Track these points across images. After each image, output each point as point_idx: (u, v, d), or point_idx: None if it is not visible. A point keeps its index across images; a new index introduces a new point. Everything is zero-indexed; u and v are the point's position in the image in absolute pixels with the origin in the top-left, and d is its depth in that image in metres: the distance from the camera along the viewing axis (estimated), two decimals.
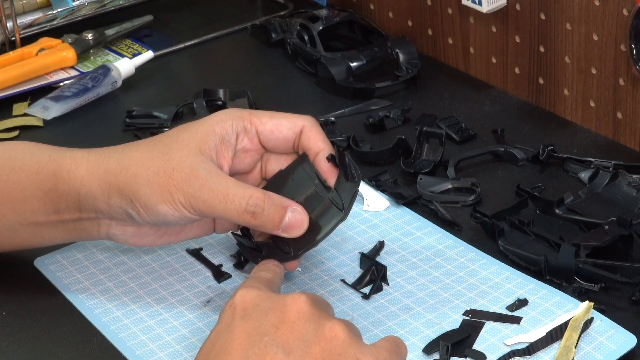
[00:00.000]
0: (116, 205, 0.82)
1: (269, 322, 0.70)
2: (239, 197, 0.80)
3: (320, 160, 0.85)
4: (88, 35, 1.30)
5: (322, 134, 0.86)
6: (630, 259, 0.90)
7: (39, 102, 1.19)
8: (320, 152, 0.85)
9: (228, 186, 0.81)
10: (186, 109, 1.16)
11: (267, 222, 0.81)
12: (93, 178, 0.83)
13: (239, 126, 0.85)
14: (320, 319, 0.70)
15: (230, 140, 0.85)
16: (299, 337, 0.69)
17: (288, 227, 0.82)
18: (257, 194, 0.81)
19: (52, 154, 0.86)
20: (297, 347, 0.68)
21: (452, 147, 1.08)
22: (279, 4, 1.41)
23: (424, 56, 1.26)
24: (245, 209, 0.80)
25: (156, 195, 0.81)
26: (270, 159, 0.88)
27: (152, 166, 0.81)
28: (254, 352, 0.68)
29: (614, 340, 0.81)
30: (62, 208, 0.85)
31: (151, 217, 0.82)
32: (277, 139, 0.86)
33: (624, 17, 1.02)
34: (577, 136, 1.10)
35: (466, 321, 0.84)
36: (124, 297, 0.88)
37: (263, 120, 0.86)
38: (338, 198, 0.83)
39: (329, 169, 0.85)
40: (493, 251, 0.92)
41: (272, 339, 0.69)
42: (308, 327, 0.70)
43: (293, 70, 1.26)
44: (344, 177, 0.84)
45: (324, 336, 0.69)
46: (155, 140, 0.85)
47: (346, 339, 0.69)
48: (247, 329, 0.69)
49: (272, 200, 0.81)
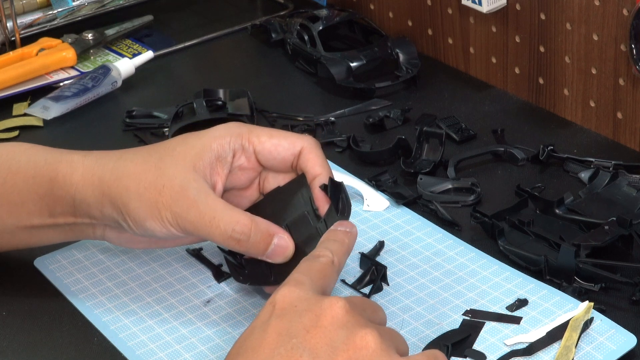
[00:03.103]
0: (108, 214, 0.82)
1: (301, 325, 0.69)
2: (224, 222, 0.79)
3: (315, 187, 0.84)
4: (88, 35, 1.30)
5: (320, 157, 0.84)
6: (630, 259, 0.90)
7: (39, 102, 1.19)
8: (317, 178, 0.84)
9: (215, 209, 0.80)
10: (186, 109, 1.16)
11: (251, 249, 0.81)
12: (87, 185, 0.83)
13: (236, 144, 0.84)
14: (354, 327, 0.69)
15: (227, 158, 0.84)
16: (328, 343, 0.68)
17: (273, 254, 0.81)
18: (243, 220, 0.80)
19: (48, 158, 0.85)
20: (324, 353, 0.67)
21: (452, 147, 1.08)
22: (279, 4, 1.41)
23: (424, 56, 1.26)
24: (231, 235, 0.79)
25: (145, 210, 0.80)
26: (268, 176, 0.87)
27: (144, 180, 0.81)
28: (280, 353, 0.67)
29: (614, 340, 0.81)
30: (58, 212, 0.85)
31: (140, 231, 0.82)
32: (275, 159, 0.85)
33: (624, 17, 1.02)
34: (577, 136, 1.10)
35: (466, 321, 0.84)
36: (124, 297, 0.88)
37: (262, 140, 0.85)
38: (325, 229, 0.81)
39: (322, 197, 0.83)
40: (493, 251, 0.92)
41: (300, 342, 0.68)
42: (339, 334, 0.68)
43: (293, 70, 1.26)
44: (335, 209, 0.83)
45: (354, 345, 0.68)
46: (151, 150, 0.84)
47: (377, 349, 0.68)
48: (279, 329, 0.69)
49: (259, 228, 0.80)
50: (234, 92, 1.18)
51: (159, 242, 0.87)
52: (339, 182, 0.84)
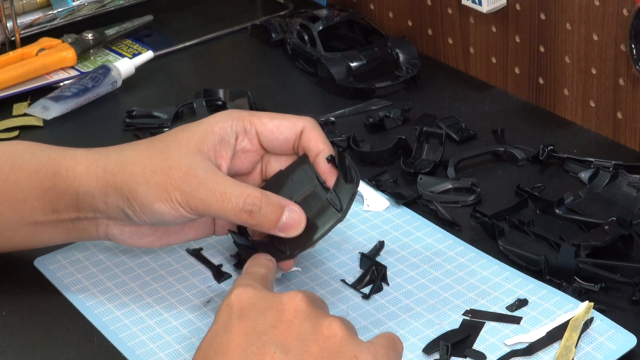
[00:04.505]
0: (113, 204, 0.82)
1: (267, 321, 0.69)
2: (236, 196, 0.80)
3: (320, 161, 0.85)
4: (88, 35, 1.30)
5: (322, 135, 0.86)
6: (630, 259, 0.90)
7: (39, 102, 1.19)
8: (321, 153, 0.85)
9: (225, 185, 0.81)
10: (186, 109, 1.16)
11: (264, 222, 0.81)
12: (91, 177, 0.83)
13: (238, 127, 0.85)
14: (317, 317, 0.70)
15: (230, 140, 0.85)
16: (297, 336, 0.69)
17: (285, 227, 0.82)
18: (254, 192, 0.81)
19: (51, 153, 0.86)
20: (295, 346, 0.68)
21: (452, 147, 1.08)
22: (279, 4, 1.41)
23: (424, 56, 1.26)
24: (242, 208, 0.80)
25: (153, 193, 0.81)
26: (270, 160, 0.88)
27: (150, 165, 0.81)
28: (252, 352, 0.68)
29: (614, 340, 0.81)
30: (61, 207, 0.85)
31: (148, 216, 0.82)
32: (277, 139, 0.86)
33: (624, 17, 1.02)
34: (577, 136, 1.10)
35: (466, 321, 0.84)
36: (124, 297, 0.88)
37: (263, 121, 0.86)
38: (336, 199, 0.83)
39: (328, 170, 0.84)
40: (493, 251, 0.92)
41: (270, 338, 0.68)
42: (306, 326, 0.70)
43: (293, 70, 1.26)
44: (343, 178, 0.84)
45: (322, 334, 0.69)
46: (154, 139, 0.85)
47: (344, 336, 0.69)
48: (244, 329, 0.69)
49: (270, 200, 0.81)
50: (234, 92, 1.18)
51: (163, 237, 0.87)
52: (344, 153, 0.84)
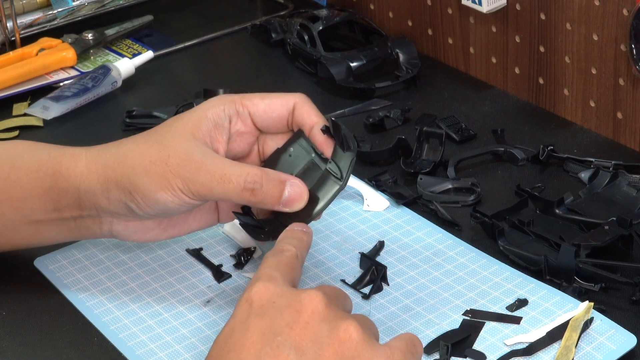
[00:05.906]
0: (115, 199, 0.83)
1: (283, 321, 0.69)
2: (236, 176, 0.81)
3: (315, 134, 0.85)
4: (88, 35, 1.30)
5: (314, 109, 0.86)
6: (630, 259, 0.90)
7: (39, 102, 1.19)
8: (315, 126, 0.85)
9: (224, 166, 0.81)
10: (186, 109, 1.16)
11: (267, 198, 0.81)
12: (92, 174, 0.83)
13: (231, 110, 0.85)
14: (335, 320, 0.70)
15: (224, 124, 0.85)
16: (312, 339, 0.68)
17: (288, 201, 0.82)
18: (254, 170, 0.81)
19: (51, 152, 0.86)
20: (309, 349, 0.68)
21: (452, 147, 1.08)
22: (279, 4, 1.41)
23: (424, 56, 1.26)
24: (244, 187, 0.80)
25: (154, 183, 0.81)
26: (266, 141, 0.88)
27: (148, 155, 0.82)
28: (266, 352, 0.67)
29: (614, 340, 0.81)
30: (63, 206, 0.85)
31: (151, 207, 0.82)
32: (270, 118, 0.86)
33: (624, 17, 1.02)
34: (577, 136, 1.10)
35: (466, 321, 0.84)
36: (124, 297, 0.88)
37: (255, 102, 0.86)
38: (336, 168, 0.83)
39: (324, 141, 0.85)
40: (493, 251, 0.92)
41: (285, 340, 0.68)
42: (322, 328, 0.69)
43: (293, 70, 1.26)
44: (340, 146, 0.84)
45: (338, 338, 0.69)
46: (150, 132, 0.85)
47: (360, 340, 0.69)
48: (261, 327, 0.69)
49: (270, 176, 0.82)
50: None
51: (167, 229, 0.87)
52: (338, 122, 0.84)
